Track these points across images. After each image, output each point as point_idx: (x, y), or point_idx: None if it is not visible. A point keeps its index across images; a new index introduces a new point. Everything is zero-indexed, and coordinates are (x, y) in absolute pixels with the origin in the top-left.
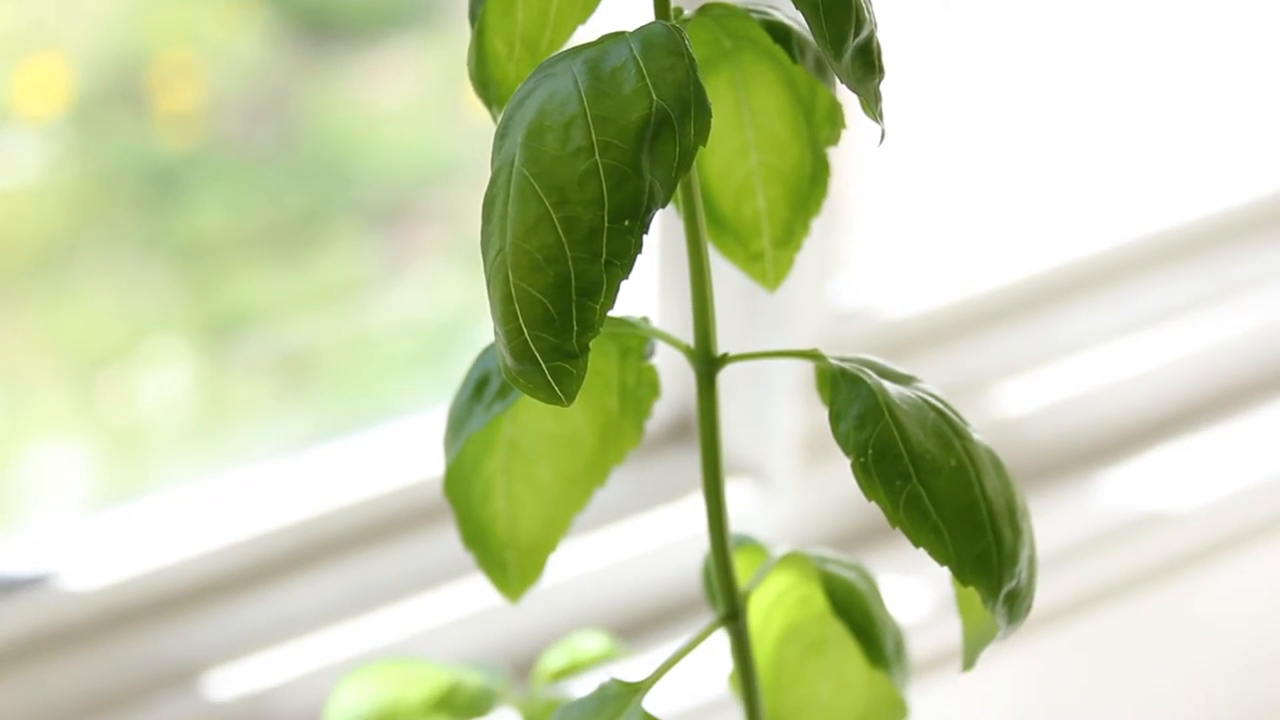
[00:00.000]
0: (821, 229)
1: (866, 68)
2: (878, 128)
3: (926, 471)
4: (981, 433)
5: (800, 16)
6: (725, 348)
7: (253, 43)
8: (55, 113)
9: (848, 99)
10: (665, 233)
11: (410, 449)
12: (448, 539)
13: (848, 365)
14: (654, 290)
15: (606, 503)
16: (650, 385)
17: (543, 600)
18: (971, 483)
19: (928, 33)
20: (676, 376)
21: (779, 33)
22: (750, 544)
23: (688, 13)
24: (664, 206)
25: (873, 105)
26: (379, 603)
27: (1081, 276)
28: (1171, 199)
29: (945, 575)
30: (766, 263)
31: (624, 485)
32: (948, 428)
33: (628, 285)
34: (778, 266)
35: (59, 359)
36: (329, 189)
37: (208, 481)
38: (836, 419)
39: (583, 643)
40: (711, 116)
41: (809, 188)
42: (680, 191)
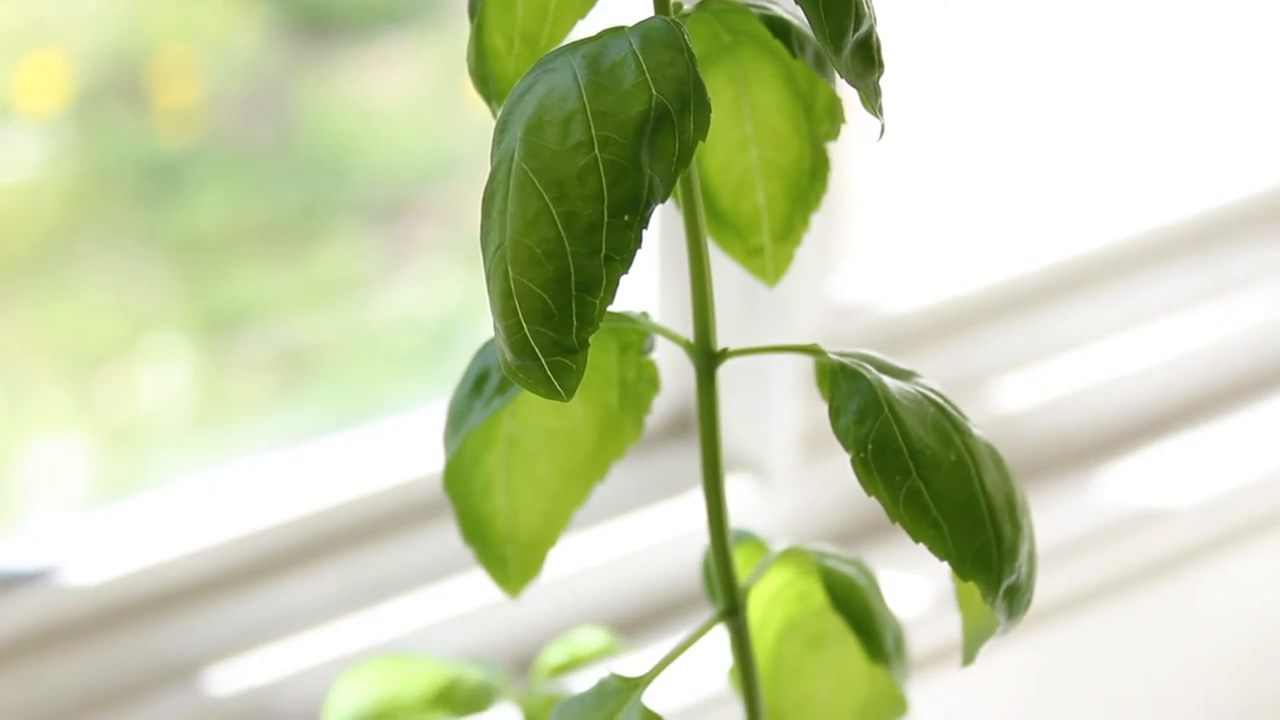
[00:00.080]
0: (821, 224)
1: (866, 62)
2: (877, 123)
3: (926, 466)
4: (981, 428)
5: (800, 11)
6: (725, 343)
7: (252, 39)
8: (54, 109)
9: (847, 94)
10: (665, 228)
11: (410, 444)
12: (447, 534)
13: (847, 360)
14: (653, 285)
15: (606, 498)
16: (650, 380)
17: (542, 595)
18: (971, 478)
19: (927, 28)
20: (676, 372)
21: (778, 27)
22: (750, 539)
23: (687, 7)
24: (663, 201)
25: (872, 100)
26: (379, 598)
27: (1080, 272)
28: (1169, 195)
29: (945, 570)
30: (766, 258)
31: (624, 480)
32: (947, 423)
33: (627, 280)
34: (777, 261)
35: (58, 354)
36: (328, 185)
37: (207, 477)
38: (836, 414)
39: (582, 638)
40: (711, 111)
41: (808, 183)
42: (680, 186)
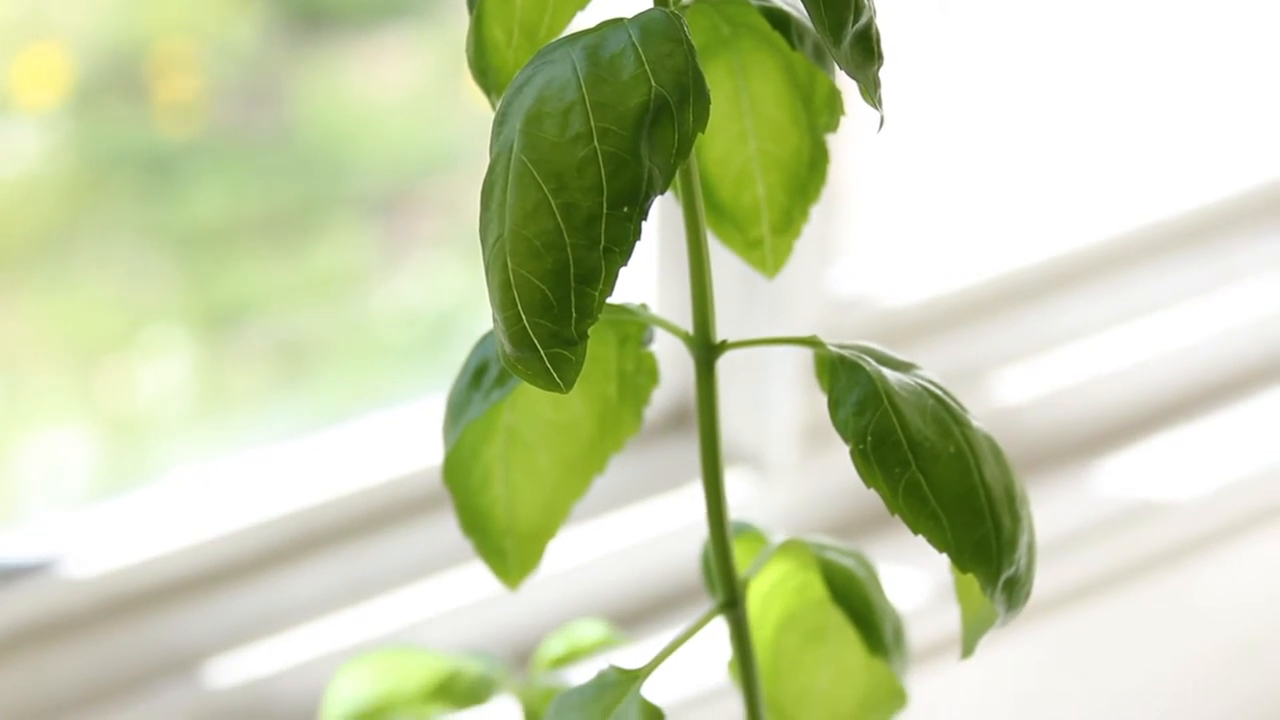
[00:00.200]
0: (820, 216)
1: (865, 54)
2: (877, 114)
3: (925, 458)
4: (980, 420)
5: (799, 3)
6: (724, 335)
7: (251, 31)
8: (54, 102)
9: (847, 86)
10: (664, 219)
11: (409, 437)
12: (447, 527)
13: (847, 352)
14: (652, 277)
15: (605, 491)
16: (649, 372)
17: (541, 588)
18: (970, 469)
19: (927, 21)
20: (675, 365)
21: (778, 19)
22: (749, 531)
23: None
24: (663, 193)
25: (872, 92)
26: (378, 590)
27: (1080, 265)
28: (1169, 189)
29: (944, 563)
30: (765, 250)
31: (623, 473)
32: (946, 414)
33: (626, 272)
34: (776, 254)
35: (57, 347)
36: (327, 178)
37: (207, 470)
38: (835, 406)
39: (581, 630)
40: (710, 103)
41: (808, 175)
42: (679, 178)
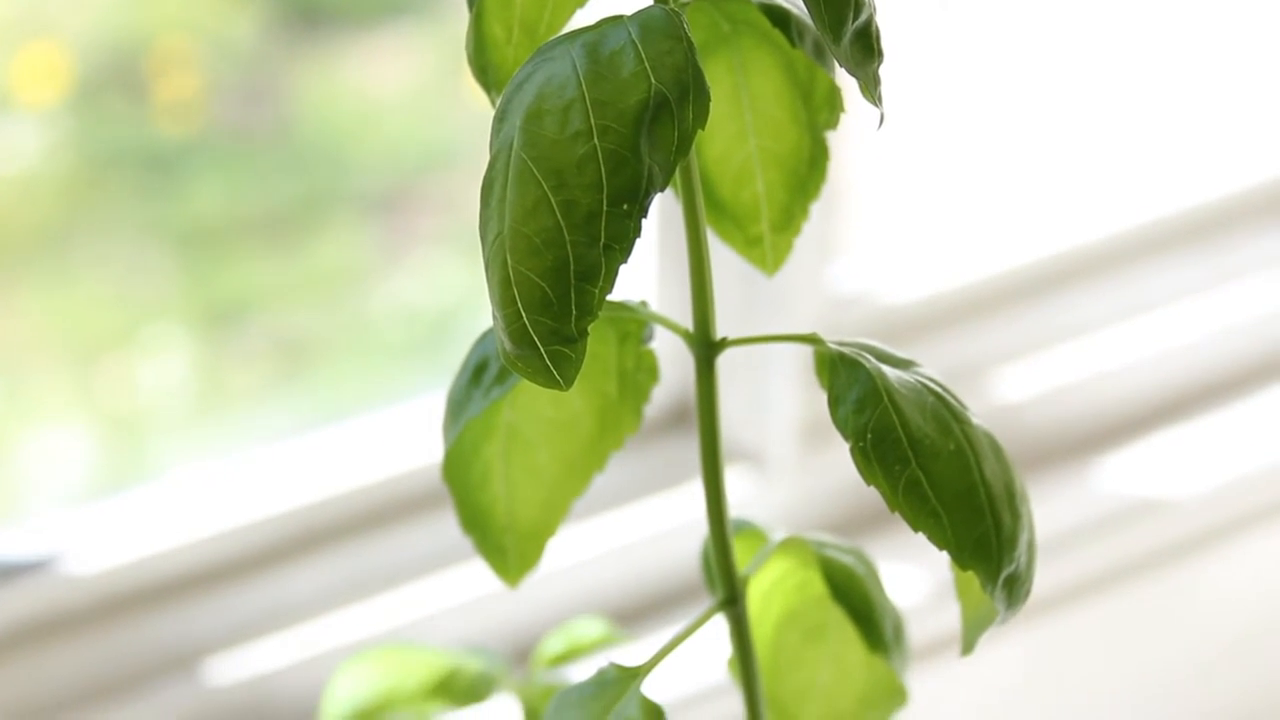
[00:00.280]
0: (820, 214)
1: (865, 51)
2: (877, 112)
3: (925, 456)
4: (980, 418)
5: (799, 0)
6: (724, 333)
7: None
8: (53, 99)
9: (847, 83)
10: (664, 217)
11: (409, 435)
12: (447, 524)
13: (846, 350)
14: (652, 274)
15: (605, 488)
16: (649, 370)
17: (541, 585)
18: (970, 467)
19: (927, 18)
20: (675, 363)
21: (778, 16)
22: (749, 529)
23: None
24: (662, 190)
25: (871, 89)
26: (378, 588)
27: (1080, 263)
28: (1170, 186)
29: (944, 560)
30: (765, 247)
31: (623, 471)
32: (946, 412)
33: (626, 269)
34: (776, 251)
35: (58, 345)
36: (327, 175)
37: (207, 467)
38: (835, 403)
39: (581, 628)
40: (710, 100)
41: (808, 172)
42: (679, 175)
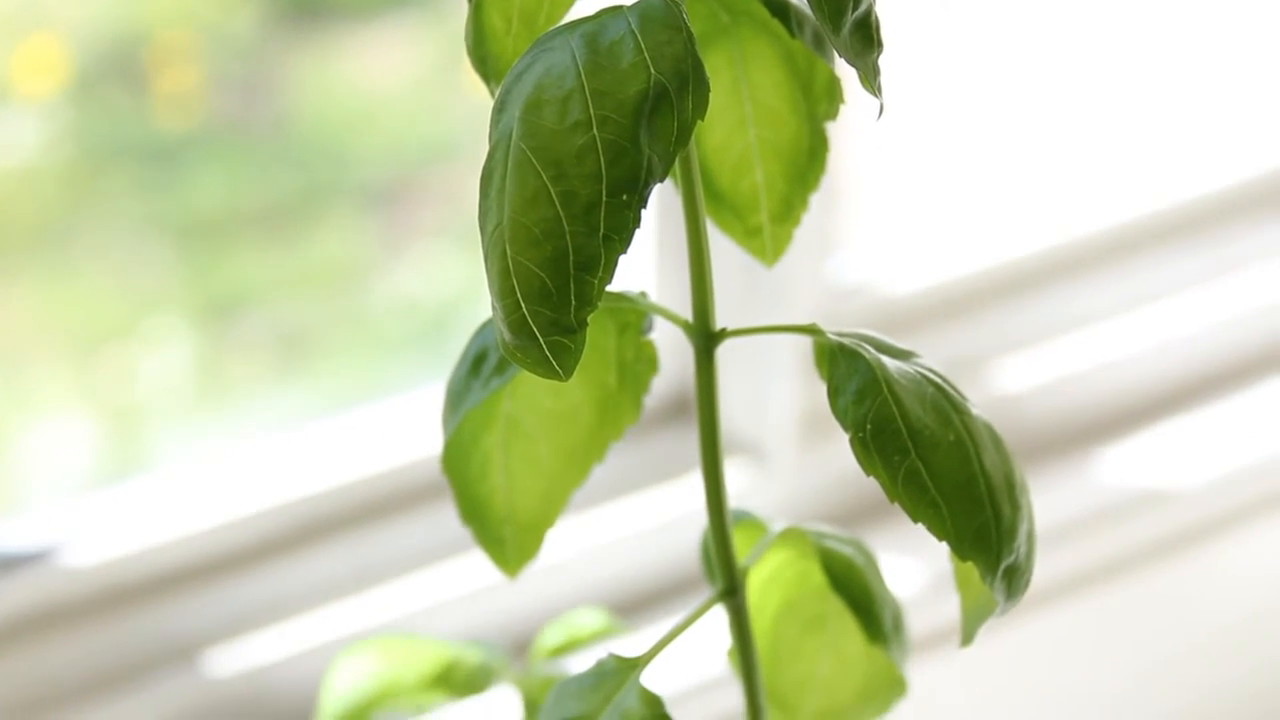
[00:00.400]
0: (820, 205)
1: (865, 42)
2: (876, 102)
3: (925, 446)
4: (980, 409)
5: None
6: (723, 324)
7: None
8: (53, 92)
9: (846, 74)
10: (663, 207)
11: (409, 426)
12: (446, 516)
13: (846, 340)
14: (652, 265)
15: (605, 479)
16: (649, 361)
17: (541, 577)
18: (970, 457)
19: (927, 10)
20: (675, 354)
21: (777, 7)
22: (749, 520)
23: None
24: (662, 181)
25: (871, 79)
26: (378, 580)
27: (1080, 254)
28: (1169, 178)
29: (944, 551)
30: (765, 238)
31: (622, 462)
32: (946, 403)
33: (625, 260)
34: (776, 242)
35: (57, 337)
36: (327, 168)
37: (207, 459)
38: (835, 394)
39: (581, 619)
40: (709, 91)
41: (807, 163)
42: (678, 166)
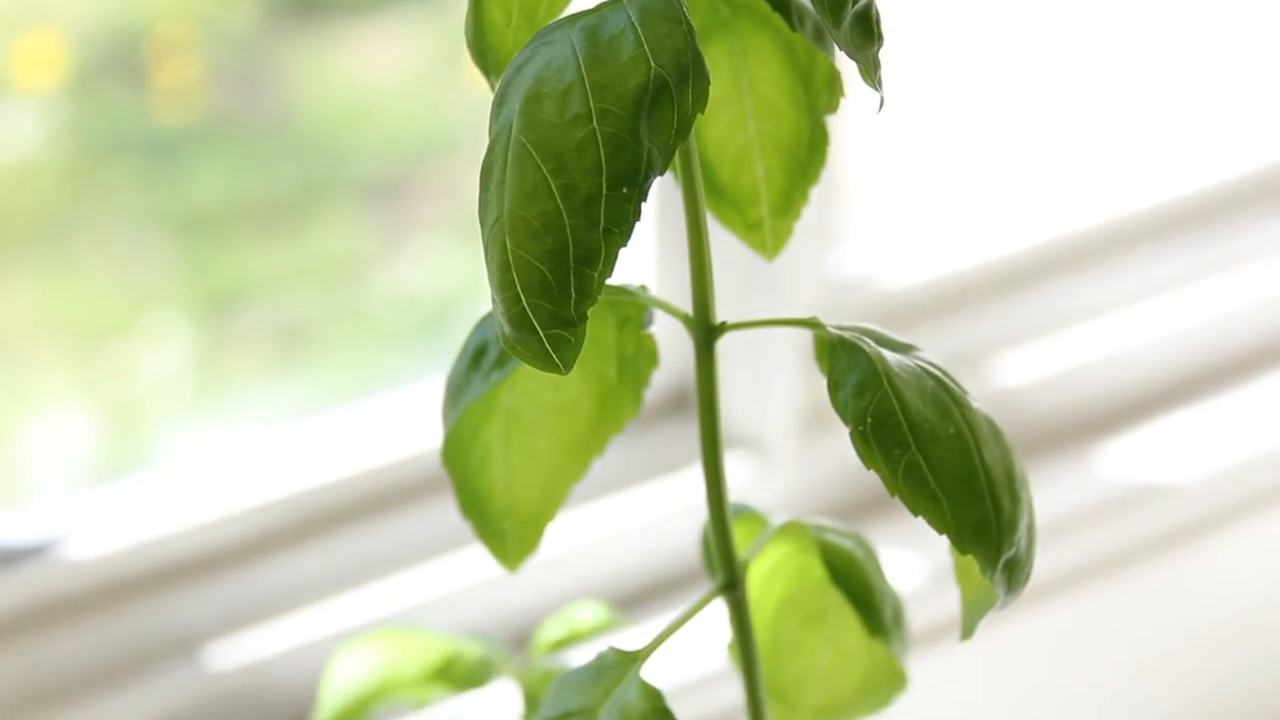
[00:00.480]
0: (820, 198)
1: (865, 35)
2: (877, 96)
3: (925, 439)
4: (980, 402)
5: None
6: (724, 317)
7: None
8: (52, 86)
9: (847, 67)
10: (663, 201)
11: (409, 420)
12: (446, 510)
13: (846, 334)
14: (652, 259)
15: (605, 473)
16: (649, 354)
17: (541, 571)
18: (970, 451)
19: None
20: (675, 347)
21: (778, 0)
22: (749, 513)
23: None
24: (662, 174)
25: (871, 72)
26: (378, 574)
27: (1080, 248)
28: (1170, 172)
29: (944, 544)
30: (765, 231)
31: (622, 455)
32: (946, 396)
33: (626, 253)
34: (776, 235)
35: (58, 331)
36: (326, 162)
37: (206, 453)
38: (835, 387)
39: (581, 613)
40: (709, 84)
41: (807, 156)
42: (678, 159)
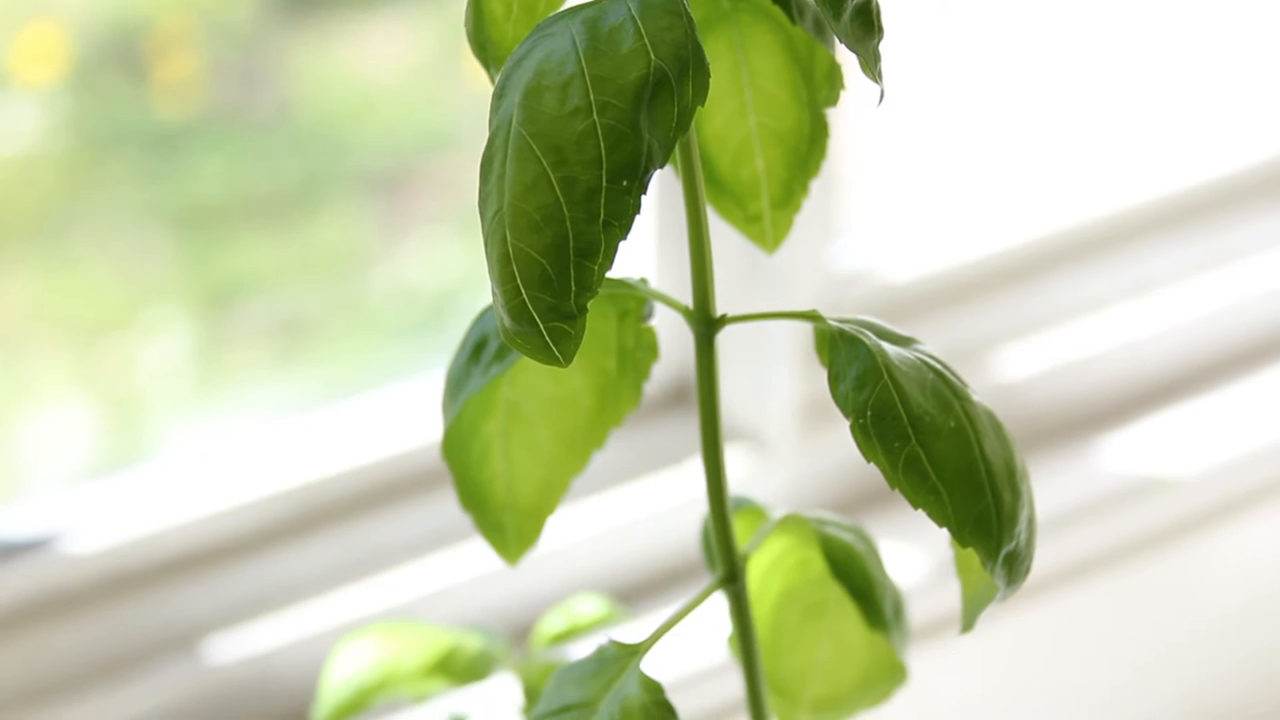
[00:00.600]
0: (820, 191)
1: (865, 27)
2: (877, 89)
3: (925, 432)
4: (981, 395)
5: None
6: (724, 310)
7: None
8: (52, 80)
9: (847, 60)
10: (663, 194)
11: (409, 413)
12: (446, 503)
13: (847, 326)
14: (652, 252)
15: (605, 466)
16: (649, 347)
17: (541, 564)
18: (970, 444)
19: None
20: (675, 340)
21: None
22: (749, 506)
23: None
24: (662, 167)
25: (872, 65)
26: (379, 567)
27: (1081, 241)
28: (1170, 165)
29: (944, 538)
30: (765, 224)
31: (622, 449)
32: (947, 389)
33: (626, 246)
34: (776, 228)
35: (58, 325)
36: (326, 156)
37: (207, 447)
38: (835, 380)
39: (581, 606)
40: (710, 77)
41: (808, 149)
42: (678, 152)
